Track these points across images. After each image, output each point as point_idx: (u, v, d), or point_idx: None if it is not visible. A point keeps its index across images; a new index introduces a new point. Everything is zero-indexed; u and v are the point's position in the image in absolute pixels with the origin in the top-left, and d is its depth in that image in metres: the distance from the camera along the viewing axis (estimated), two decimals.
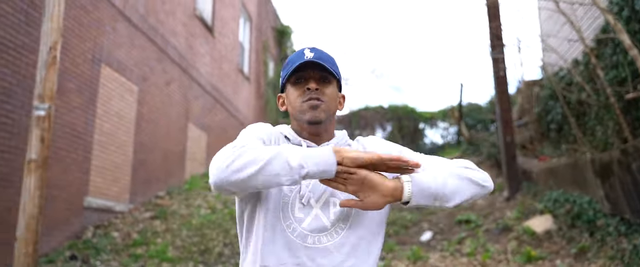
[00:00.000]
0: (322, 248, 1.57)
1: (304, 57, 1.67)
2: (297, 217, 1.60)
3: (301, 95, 1.67)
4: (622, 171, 5.17)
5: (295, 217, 1.60)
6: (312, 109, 1.65)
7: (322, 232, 1.58)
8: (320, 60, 1.66)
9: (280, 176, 1.44)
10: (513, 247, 5.99)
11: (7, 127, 5.61)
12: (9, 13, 5.65)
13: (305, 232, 1.58)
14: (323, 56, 1.70)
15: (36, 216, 5.15)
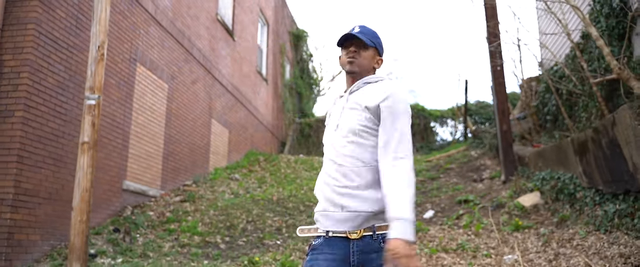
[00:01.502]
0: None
1: (351, 31, 2.45)
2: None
3: (345, 55, 2.45)
4: (594, 147, 5.91)
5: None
6: (349, 63, 2.43)
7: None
8: (361, 33, 2.42)
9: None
10: (504, 220, 6.73)
11: (61, 115, 6.51)
12: (62, 17, 6.56)
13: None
14: (365, 30, 2.45)
15: (89, 189, 6.01)
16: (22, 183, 5.84)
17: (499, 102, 8.84)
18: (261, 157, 13.63)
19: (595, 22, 7.37)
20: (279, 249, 6.61)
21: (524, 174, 8.17)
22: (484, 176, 9.42)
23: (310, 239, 2.39)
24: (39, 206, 6.10)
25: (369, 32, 2.47)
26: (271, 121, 17.23)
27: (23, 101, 5.90)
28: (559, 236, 5.77)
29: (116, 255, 6.38)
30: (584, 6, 8.04)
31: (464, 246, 5.94)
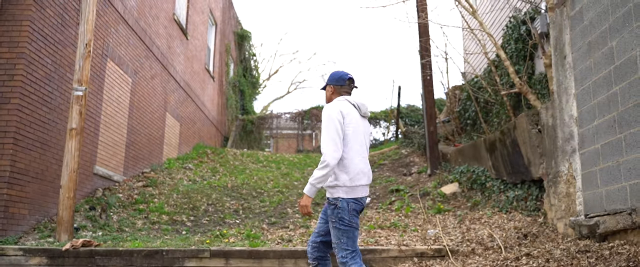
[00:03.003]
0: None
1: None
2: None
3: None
4: (501, 146, 7.40)
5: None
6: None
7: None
8: (324, 82, 3.86)
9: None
10: (429, 205, 8.12)
11: (48, 104, 7.26)
12: (51, 16, 7.31)
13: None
14: (327, 77, 3.81)
15: (76, 170, 6.88)
16: (16, 163, 6.58)
17: (427, 107, 10.28)
18: (209, 150, 14.52)
19: (507, 44, 8.94)
20: (239, 227, 7.67)
21: (446, 168, 9.64)
22: (412, 170, 10.85)
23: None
24: (28, 184, 6.85)
25: (328, 76, 3.91)
26: (216, 117, 18.09)
27: (19, 90, 6.64)
28: (471, 216, 7.21)
29: (96, 229, 7.22)
30: (499, 30, 9.61)
31: (396, 224, 7.24)
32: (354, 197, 3.59)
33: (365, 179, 3.68)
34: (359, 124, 3.72)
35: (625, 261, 4.37)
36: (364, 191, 3.69)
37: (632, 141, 4.57)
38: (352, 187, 3.59)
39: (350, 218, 3.57)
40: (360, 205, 3.66)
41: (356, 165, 3.61)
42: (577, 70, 5.63)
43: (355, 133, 3.66)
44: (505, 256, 5.26)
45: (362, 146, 3.73)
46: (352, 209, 3.58)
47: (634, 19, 4.58)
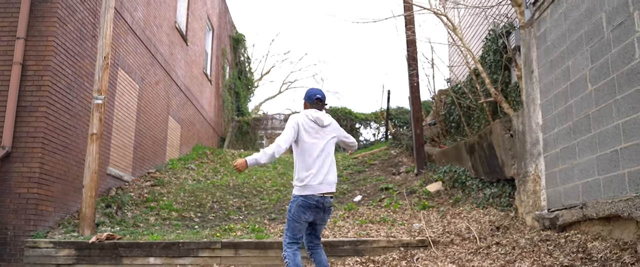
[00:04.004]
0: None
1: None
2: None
3: None
4: (479, 148, 8.24)
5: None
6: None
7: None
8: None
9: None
10: (415, 202, 8.94)
11: (69, 111, 7.99)
12: (71, 31, 8.04)
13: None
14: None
15: (96, 171, 7.61)
16: (44, 165, 7.31)
17: (414, 111, 11.10)
18: (208, 151, 15.27)
19: (486, 55, 9.77)
20: (243, 222, 8.44)
21: (432, 168, 10.47)
22: (401, 170, 11.67)
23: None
24: (54, 184, 7.58)
25: (304, 93, 4.75)
26: (213, 118, 18.83)
27: (46, 99, 7.37)
28: (453, 211, 8.04)
29: (113, 225, 7.97)
30: (480, 42, 10.45)
31: (385, 219, 8.06)
32: (303, 194, 4.28)
33: (317, 181, 4.28)
34: (318, 134, 4.42)
35: (576, 247, 5.21)
36: (316, 189, 4.27)
37: (583, 147, 5.40)
38: (303, 187, 4.29)
39: (297, 212, 4.27)
40: (312, 202, 4.26)
41: (309, 168, 4.33)
42: (542, 83, 6.46)
43: (311, 142, 4.39)
44: (479, 245, 6.09)
45: (317, 152, 4.36)
46: (301, 205, 4.26)
47: (585, 43, 5.41)
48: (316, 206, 4.31)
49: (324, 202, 4.32)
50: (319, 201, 4.30)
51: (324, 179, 4.31)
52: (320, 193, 4.30)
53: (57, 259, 6.71)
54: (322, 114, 4.54)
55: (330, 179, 4.37)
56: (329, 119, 4.57)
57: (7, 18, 7.57)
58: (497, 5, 8.91)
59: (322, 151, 4.40)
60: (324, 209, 4.35)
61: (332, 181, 4.38)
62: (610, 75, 4.92)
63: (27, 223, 7.02)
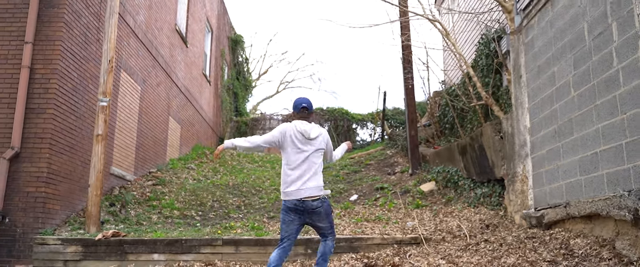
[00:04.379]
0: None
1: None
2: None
3: None
4: (471, 149, 8.54)
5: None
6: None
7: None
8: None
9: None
10: (409, 201, 9.24)
11: (74, 113, 8.26)
12: (77, 35, 8.31)
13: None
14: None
15: (102, 171, 7.89)
16: (51, 165, 7.58)
17: (409, 112, 11.40)
18: (207, 151, 15.54)
19: (479, 59, 10.08)
20: (243, 220, 8.73)
21: (426, 168, 10.77)
22: (396, 170, 11.97)
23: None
24: (60, 183, 7.85)
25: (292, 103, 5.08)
26: (212, 118, 19.10)
27: (53, 101, 7.64)
28: (445, 210, 8.34)
29: (118, 223, 8.24)
30: (473, 46, 10.75)
31: (380, 218, 8.35)
32: (284, 199, 4.64)
33: (296, 187, 4.57)
34: (303, 146, 4.68)
35: (560, 244, 5.51)
36: (295, 195, 4.57)
37: (567, 149, 5.71)
38: (284, 192, 4.65)
39: (283, 215, 4.66)
40: (292, 206, 4.58)
41: (289, 176, 4.65)
42: (530, 88, 6.77)
43: (295, 151, 4.67)
44: (469, 242, 6.39)
45: (299, 162, 4.63)
46: (283, 209, 4.66)
47: (568, 51, 5.71)
48: (296, 209, 4.61)
49: (304, 206, 4.59)
50: (297, 204, 4.59)
51: (303, 185, 4.58)
52: (298, 198, 4.58)
53: (64, 256, 6.98)
54: (311, 126, 4.75)
55: (310, 184, 4.61)
56: (317, 132, 4.76)
57: (16, 23, 7.84)
58: (488, 12, 9.21)
59: (305, 160, 4.67)
60: (307, 210, 4.62)
61: (312, 186, 4.61)
62: (591, 82, 5.23)
63: (35, 221, 7.30)
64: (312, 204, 4.60)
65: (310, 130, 4.71)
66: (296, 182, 4.60)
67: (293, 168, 4.65)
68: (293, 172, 4.64)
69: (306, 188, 4.59)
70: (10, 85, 7.67)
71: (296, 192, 4.58)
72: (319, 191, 4.66)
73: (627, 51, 4.63)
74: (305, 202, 4.58)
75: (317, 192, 4.64)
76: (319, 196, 4.65)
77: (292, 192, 4.59)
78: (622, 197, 4.62)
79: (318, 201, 4.64)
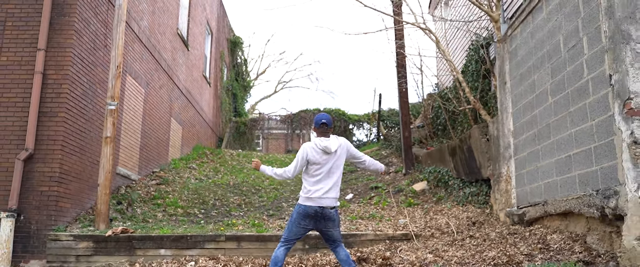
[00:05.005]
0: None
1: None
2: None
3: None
4: (460, 151, 9.00)
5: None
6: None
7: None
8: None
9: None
10: (402, 199, 9.70)
11: (84, 116, 8.70)
12: (86, 42, 8.75)
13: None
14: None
15: (110, 171, 8.32)
16: (63, 165, 8.02)
17: (403, 115, 11.86)
18: (207, 151, 15.98)
19: (469, 64, 10.55)
20: (244, 218, 9.18)
21: (418, 168, 11.24)
22: (390, 170, 12.43)
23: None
24: (71, 182, 8.29)
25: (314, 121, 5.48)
26: (212, 119, 19.55)
27: (64, 105, 8.08)
28: (435, 208, 8.80)
29: (125, 220, 8.69)
30: (464, 51, 11.22)
31: (374, 215, 8.81)
32: (305, 203, 5.07)
33: (318, 195, 5.03)
34: (321, 159, 5.12)
35: (538, 239, 5.98)
36: (316, 202, 5.03)
37: (545, 151, 6.18)
38: (306, 198, 5.08)
39: (297, 218, 5.10)
40: (312, 212, 5.04)
41: (314, 185, 5.09)
42: (513, 94, 7.23)
43: (318, 166, 5.12)
44: (455, 238, 6.86)
45: (323, 175, 5.09)
46: (301, 212, 5.08)
47: (547, 61, 6.18)
48: (314, 215, 5.09)
49: (323, 212, 5.08)
50: (317, 211, 5.07)
51: (325, 195, 5.06)
52: (319, 205, 5.06)
53: (77, 251, 7.43)
54: (330, 141, 5.18)
55: (331, 194, 5.09)
56: (336, 145, 5.20)
57: (29, 31, 8.27)
58: (477, 20, 9.67)
59: (328, 172, 5.13)
60: (324, 217, 5.10)
61: (332, 197, 5.10)
62: (566, 90, 5.69)
63: (48, 218, 7.74)
64: (330, 212, 5.08)
65: (330, 144, 5.16)
66: (320, 192, 5.05)
67: (318, 180, 5.09)
68: (318, 182, 5.08)
69: (328, 197, 5.06)
70: (24, 90, 8.10)
71: (318, 200, 5.04)
72: (336, 201, 5.17)
73: (596, 63, 5.09)
74: (325, 209, 5.06)
75: (335, 202, 5.15)
76: (335, 206, 5.17)
77: (315, 199, 5.04)
78: (591, 196, 5.09)
79: (334, 210, 5.15)
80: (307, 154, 5.16)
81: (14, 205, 7.62)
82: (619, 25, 4.73)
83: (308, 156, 5.15)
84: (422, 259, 5.72)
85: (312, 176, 5.12)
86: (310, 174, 5.14)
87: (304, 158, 5.16)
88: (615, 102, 4.74)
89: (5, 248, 7.42)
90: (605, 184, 4.90)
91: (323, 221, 5.12)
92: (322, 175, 5.11)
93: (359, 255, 6.15)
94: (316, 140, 5.22)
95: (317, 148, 5.16)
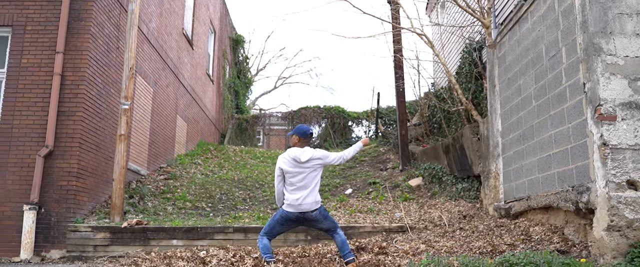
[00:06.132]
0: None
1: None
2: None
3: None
4: (453, 148, 9.55)
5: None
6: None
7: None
8: (292, 132, 5.83)
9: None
10: (398, 194, 10.25)
11: (99, 114, 9.23)
12: (100, 45, 9.27)
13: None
14: (295, 129, 5.84)
15: (124, 167, 8.86)
16: (80, 161, 8.56)
17: (400, 113, 12.40)
18: (211, 147, 16.52)
19: (463, 66, 11.07)
20: (249, 211, 9.73)
21: (414, 165, 11.79)
22: (388, 166, 12.98)
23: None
24: (88, 177, 8.83)
25: (295, 128, 5.90)
26: (215, 116, 20.08)
27: (82, 105, 8.61)
28: (429, 203, 9.36)
29: (137, 213, 9.23)
30: (458, 54, 11.76)
31: (371, 209, 9.36)
32: (286, 210, 5.58)
33: (297, 203, 5.48)
34: (297, 169, 5.57)
35: (521, 231, 6.54)
36: (296, 208, 5.51)
37: (529, 151, 6.72)
38: (287, 205, 5.57)
39: (280, 219, 5.63)
40: (293, 217, 5.54)
41: (291, 194, 5.56)
42: (502, 97, 7.78)
43: (291, 175, 5.57)
44: (446, 230, 7.41)
45: (297, 184, 5.52)
46: (283, 215, 5.60)
47: (531, 67, 6.72)
48: (296, 219, 5.64)
49: (304, 216, 5.61)
50: (298, 216, 5.62)
51: (302, 202, 5.54)
52: (299, 211, 5.59)
53: (94, 241, 7.98)
54: (301, 152, 5.61)
55: (308, 201, 5.54)
56: (307, 155, 5.60)
57: (48, 35, 8.79)
58: (470, 25, 10.20)
59: (302, 180, 5.57)
60: (307, 220, 5.63)
61: (309, 202, 5.56)
62: (547, 95, 6.24)
63: (67, 211, 8.28)
64: (311, 214, 5.61)
65: (301, 155, 5.59)
66: (297, 200, 5.53)
67: (294, 189, 5.56)
68: (294, 192, 5.55)
69: (305, 203, 5.55)
70: (44, 90, 8.62)
71: (297, 207, 5.55)
72: (317, 204, 5.64)
73: (573, 72, 5.63)
74: (305, 213, 5.59)
75: (315, 205, 5.62)
76: (316, 209, 5.64)
77: (294, 206, 5.55)
78: (567, 192, 5.64)
79: (316, 212, 5.64)
80: (281, 167, 5.63)
81: (36, 198, 8.15)
82: (592, 39, 5.26)
83: (283, 166, 5.61)
84: (415, 248, 6.27)
85: (289, 184, 5.59)
86: (288, 183, 5.60)
87: (279, 169, 5.64)
88: (588, 108, 5.29)
89: (28, 238, 7.96)
90: (579, 181, 5.45)
91: (307, 221, 5.67)
92: (297, 184, 5.55)
93: (358, 244, 6.69)
94: (288, 151, 5.70)
95: (289, 157, 5.62)
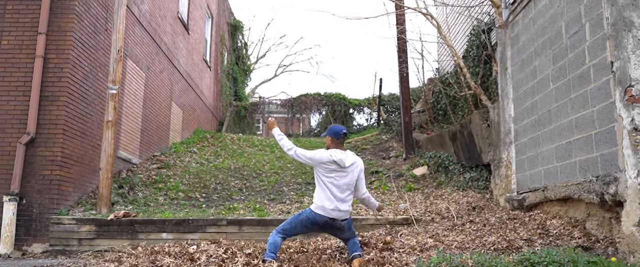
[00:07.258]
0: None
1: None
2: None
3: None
4: (461, 136, 9.02)
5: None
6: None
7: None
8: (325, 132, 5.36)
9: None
10: (402, 184, 9.75)
11: (85, 99, 8.71)
12: (87, 25, 8.72)
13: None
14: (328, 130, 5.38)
15: (112, 155, 8.36)
16: (64, 149, 8.05)
17: (403, 100, 11.86)
18: (208, 135, 16.00)
19: (470, 49, 10.52)
20: (245, 202, 9.23)
21: (419, 153, 11.27)
22: (391, 154, 12.47)
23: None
24: (72, 166, 8.33)
25: (329, 129, 5.45)
26: (212, 103, 19.54)
27: (66, 89, 8.08)
28: (436, 193, 8.85)
29: (127, 204, 8.74)
30: (465, 36, 11.19)
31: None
32: (316, 212, 5.08)
33: (331, 207, 5.03)
34: (338, 173, 5.13)
35: (537, 224, 6.03)
36: (328, 213, 5.05)
37: (546, 138, 6.20)
38: (319, 207, 5.08)
39: (305, 220, 5.15)
40: (322, 221, 5.07)
41: (328, 198, 5.08)
42: (515, 80, 7.23)
43: (331, 177, 5.11)
44: (455, 223, 6.91)
45: (337, 189, 5.08)
46: (310, 218, 5.12)
47: (548, 47, 6.17)
48: (324, 225, 5.17)
49: (333, 223, 5.15)
50: (327, 222, 5.14)
51: (336, 207, 5.10)
52: (330, 217, 5.12)
53: (79, 234, 7.49)
54: (346, 155, 5.22)
55: (343, 208, 5.13)
56: (351, 160, 5.23)
57: (29, 15, 8.24)
58: (479, 5, 9.63)
59: (341, 186, 5.14)
60: (333, 227, 5.18)
61: (344, 210, 5.15)
62: (567, 77, 5.70)
63: (50, 202, 7.78)
64: (340, 223, 5.16)
65: (346, 159, 5.19)
66: (332, 205, 5.07)
67: (333, 193, 5.09)
68: (332, 196, 5.08)
69: (338, 210, 5.10)
70: (25, 74, 8.10)
71: (330, 212, 5.08)
72: (347, 214, 5.22)
73: (597, 50, 5.09)
74: (335, 221, 5.13)
75: (346, 215, 5.20)
76: (346, 218, 5.23)
77: (327, 210, 5.07)
78: (591, 182, 5.12)
79: (345, 221, 5.22)
80: (324, 159, 5.17)
81: (16, 189, 7.66)
82: (621, 12, 4.72)
83: (323, 161, 5.16)
84: (423, 244, 5.77)
85: (327, 188, 5.12)
86: (327, 187, 5.13)
87: (321, 160, 5.16)
88: (617, 89, 4.75)
89: (8, 232, 7.48)
90: (605, 170, 4.93)
91: (331, 229, 5.24)
92: (337, 189, 5.13)
93: (361, 239, 6.18)
94: (332, 151, 5.24)
95: (333, 158, 5.18)
